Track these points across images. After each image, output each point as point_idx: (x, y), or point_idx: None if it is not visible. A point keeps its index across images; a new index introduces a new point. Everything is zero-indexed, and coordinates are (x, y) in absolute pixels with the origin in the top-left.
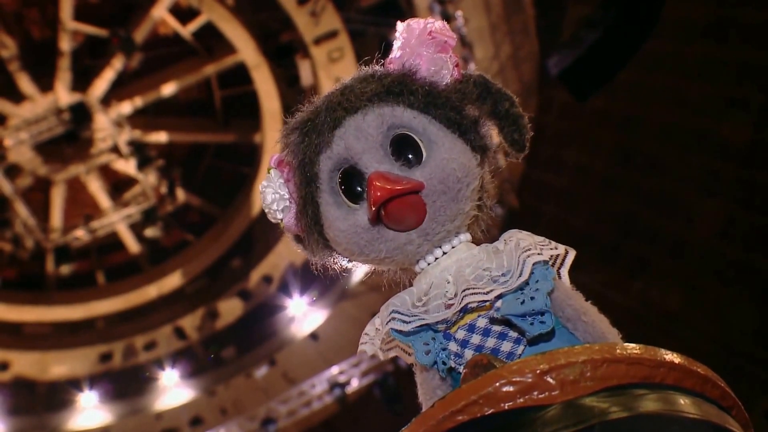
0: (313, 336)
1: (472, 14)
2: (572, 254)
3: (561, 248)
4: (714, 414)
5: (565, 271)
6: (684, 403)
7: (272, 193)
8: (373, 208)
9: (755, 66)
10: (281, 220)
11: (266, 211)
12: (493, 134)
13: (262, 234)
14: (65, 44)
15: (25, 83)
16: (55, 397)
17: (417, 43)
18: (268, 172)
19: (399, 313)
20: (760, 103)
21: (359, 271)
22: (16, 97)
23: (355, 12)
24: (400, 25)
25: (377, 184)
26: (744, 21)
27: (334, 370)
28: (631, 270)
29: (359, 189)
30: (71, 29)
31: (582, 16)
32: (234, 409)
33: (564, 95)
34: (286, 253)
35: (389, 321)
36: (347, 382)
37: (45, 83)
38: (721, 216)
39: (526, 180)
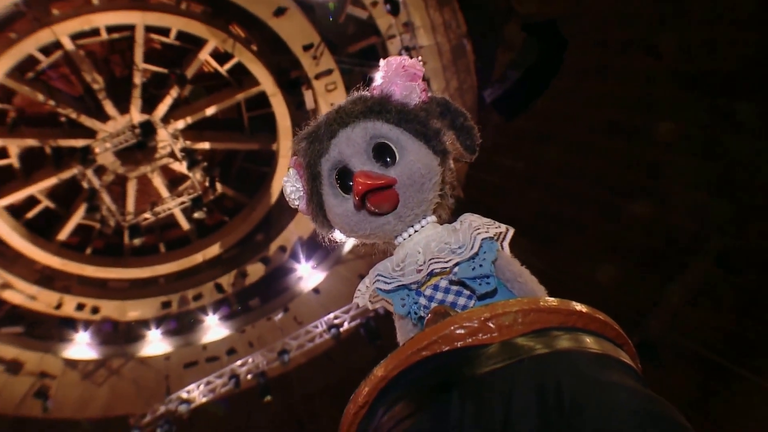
0: (316, 290)
1: (429, 58)
2: (511, 231)
3: (503, 227)
4: (611, 349)
5: (506, 244)
6: (589, 341)
7: (290, 186)
8: (356, 198)
9: (624, 97)
10: (297, 206)
11: (287, 199)
12: (450, 141)
13: (278, 216)
14: (137, 79)
15: (109, 107)
16: (131, 333)
17: (393, 74)
18: (288, 171)
19: (382, 276)
20: (632, 124)
21: (351, 243)
22: (103, 117)
23: (345, 56)
24: (382, 61)
25: (359, 180)
26: (618, 66)
27: (331, 315)
28: (545, 243)
29: (350, 183)
30: (142, 69)
31: (508, 60)
32: (258, 343)
33: (496, 116)
34: (296, 230)
35: (375, 282)
36: (341, 324)
37: (123, 107)
38: (609, 206)
39: (469, 178)
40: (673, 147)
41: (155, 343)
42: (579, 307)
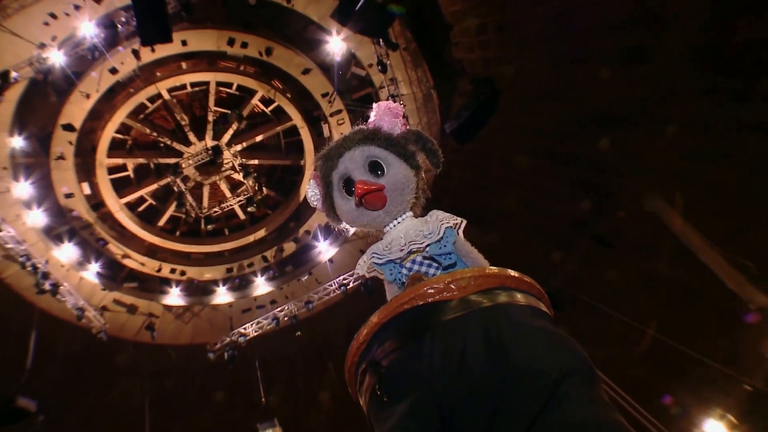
0: (331, 260)
1: (407, 103)
2: (464, 222)
3: (459, 219)
4: (534, 301)
5: (461, 231)
6: (519, 296)
7: (311, 192)
8: (357, 198)
9: (541, 128)
10: (316, 206)
11: (309, 201)
12: (422, 160)
13: (304, 210)
14: (210, 117)
15: (191, 136)
16: (206, 288)
17: (382, 113)
18: (310, 181)
19: (376, 254)
20: (547, 148)
21: (353, 230)
22: (187, 143)
23: (350, 101)
24: (374, 105)
25: (359, 186)
26: (536, 108)
27: (341, 277)
28: (488, 230)
29: (352, 189)
30: (214, 110)
31: (461, 103)
32: (292, 296)
33: (453, 142)
34: (317, 219)
35: (371, 258)
36: (348, 284)
37: (200, 136)
38: (532, 204)
39: (434, 184)
40: (571, 164)
41: (222, 296)
42: (512, 273)
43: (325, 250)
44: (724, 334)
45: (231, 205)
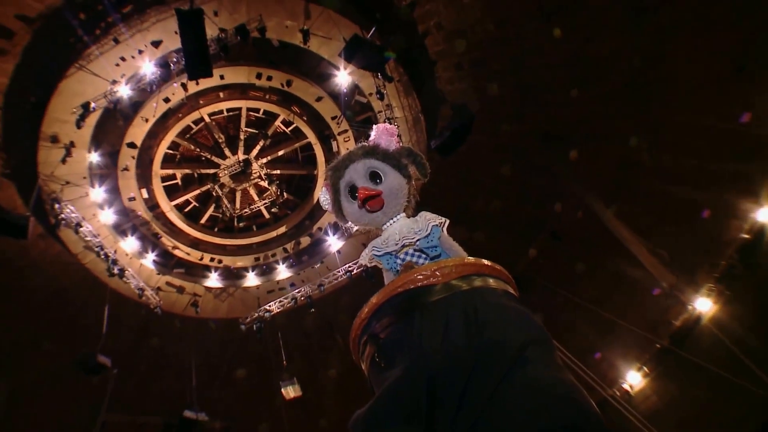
0: (338, 251)
1: (400, 124)
2: (447, 221)
3: (443, 219)
4: (504, 285)
5: (445, 228)
6: (492, 281)
7: (323, 198)
8: (359, 202)
9: (507, 144)
10: (327, 208)
11: (321, 205)
12: (413, 170)
13: (317, 211)
14: (242, 136)
15: (227, 151)
16: (238, 274)
17: (380, 133)
18: (322, 189)
19: (375, 247)
20: (515, 159)
21: (357, 228)
22: (223, 157)
23: (354, 122)
24: (374, 126)
25: (361, 191)
26: (504, 129)
27: (347, 265)
28: (470, 229)
29: (356, 194)
30: (245, 130)
31: (443, 125)
32: (307, 279)
33: (437, 156)
34: (327, 219)
35: (372, 251)
36: (353, 271)
37: (233, 151)
38: (504, 207)
39: (422, 190)
40: (534, 173)
41: (251, 280)
42: (486, 262)
43: (334, 243)
44: (642, 305)
45: (258, 207)
